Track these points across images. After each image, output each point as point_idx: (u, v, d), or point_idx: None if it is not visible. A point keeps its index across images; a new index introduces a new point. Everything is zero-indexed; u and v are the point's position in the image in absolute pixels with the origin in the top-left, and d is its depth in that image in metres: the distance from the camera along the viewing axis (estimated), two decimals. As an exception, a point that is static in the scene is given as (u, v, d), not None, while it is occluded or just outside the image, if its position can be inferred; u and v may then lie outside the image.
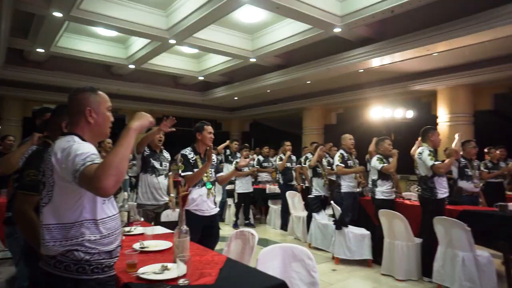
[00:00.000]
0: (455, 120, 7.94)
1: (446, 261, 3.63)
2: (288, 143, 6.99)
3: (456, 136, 4.87)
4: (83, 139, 1.47)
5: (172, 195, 4.16)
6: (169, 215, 3.75)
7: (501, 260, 3.95)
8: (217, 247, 3.24)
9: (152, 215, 3.69)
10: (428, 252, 3.90)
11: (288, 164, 6.85)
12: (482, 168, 5.90)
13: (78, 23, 6.40)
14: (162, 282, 1.66)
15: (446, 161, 4.11)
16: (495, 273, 3.48)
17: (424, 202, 4.02)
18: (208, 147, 3.12)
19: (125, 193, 2.93)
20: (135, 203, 4.23)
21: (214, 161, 3.33)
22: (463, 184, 5.15)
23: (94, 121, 1.53)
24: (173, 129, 3.28)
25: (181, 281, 1.64)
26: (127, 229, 2.69)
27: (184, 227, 2.01)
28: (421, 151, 4.06)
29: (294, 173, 6.94)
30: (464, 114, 7.94)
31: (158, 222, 3.50)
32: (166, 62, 9.26)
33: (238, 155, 7.12)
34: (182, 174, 3.08)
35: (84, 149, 1.36)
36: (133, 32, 6.69)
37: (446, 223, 3.65)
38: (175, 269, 1.72)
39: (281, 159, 6.86)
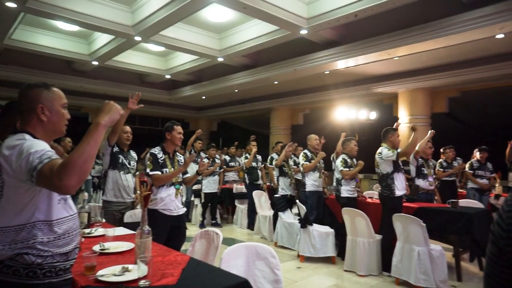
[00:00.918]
0: (414, 121, 8.32)
1: (403, 256, 3.81)
2: (254, 142, 7.04)
3: (429, 132, 5.16)
4: (35, 137, 1.40)
5: (139, 192, 4.09)
6: (132, 215, 3.66)
7: (451, 253, 4.21)
8: (183, 247, 3.23)
9: (118, 216, 3.59)
10: (387, 248, 4.08)
11: (254, 164, 6.90)
12: (437, 167, 6.24)
13: (36, 15, 6.09)
14: (122, 284, 1.63)
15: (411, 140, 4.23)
16: (446, 265, 3.71)
17: (383, 200, 4.20)
18: (188, 156, 3.20)
19: (85, 194, 2.83)
20: (98, 204, 4.11)
21: (181, 162, 3.34)
22: (419, 182, 5.43)
23: (47, 118, 1.45)
24: (141, 105, 3.29)
25: (141, 282, 1.62)
26: (87, 230, 2.61)
27: (146, 227, 1.98)
28: (380, 151, 4.24)
29: (260, 173, 7.00)
30: (422, 116, 8.35)
31: (121, 223, 3.42)
32: (131, 59, 9.03)
33: (203, 154, 7.09)
34: (150, 173, 3.06)
35: (38, 147, 1.30)
36: (96, 28, 6.47)
37: (404, 219, 3.83)
38: (136, 271, 1.69)
39: (247, 158, 6.90)
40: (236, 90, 10.13)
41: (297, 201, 5.05)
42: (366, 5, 5.15)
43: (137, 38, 6.81)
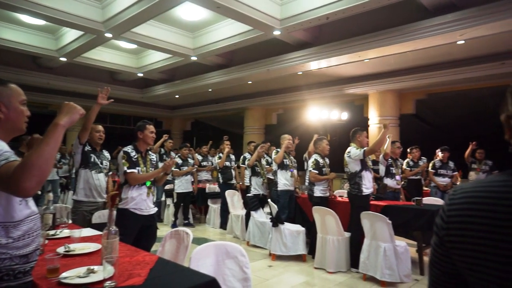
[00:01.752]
0: (384, 122, 8.58)
1: (370, 252, 3.94)
2: (227, 142, 7.05)
3: (387, 138, 5.34)
4: None
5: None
6: (101, 216, 3.58)
7: (415, 249, 4.39)
8: (153, 248, 3.20)
9: (89, 217, 3.50)
10: (355, 245, 4.21)
11: (228, 163, 6.90)
12: (404, 166, 6.49)
13: (-2, 8, 5.82)
14: (86, 285, 1.60)
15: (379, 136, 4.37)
16: (410, 260, 3.87)
17: (352, 198, 4.33)
18: (169, 160, 3.22)
19: (50, 194, 2.74)
20: (65, 205, 4.00)
21: (154, 161, 3.32)
22: (388, 181, 5.63)
23: (4, 116, 1.39)
24: (112, 100, 3.26)
25: (107, 284, 1.60)
26: (51, 232, 2.53)
27: (113, 228, 1.95)
28: (349, 150, 4.36)
29: (233, 172, 7.02)
30: (391, 117, 8.63)
31: (89, 224, 3.35)
32: (102, 56, 8.80)
33: (173, 154, 7.02)
34: (128, 171, 3.02)
35: None
36: (63, 23, 6.25)
37: (371, 217, 3.97)
38: (102, 272, 1.67)
39: (220, 158, 6.90)
40: (210, 90, 10.08)
41: (269, 200, 5.10)
42: (337, 8, 5.28)
43: (108, 35, 6.65)
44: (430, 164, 6.54)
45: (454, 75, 7.12)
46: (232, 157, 7.12)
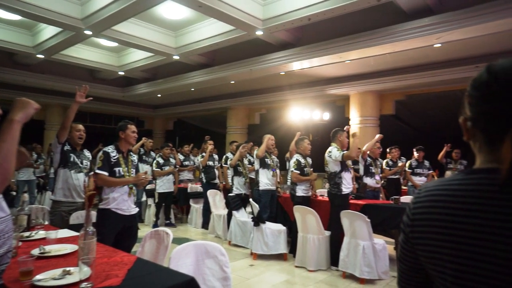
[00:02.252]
0: (364, 122, 8.76)
1: (350, 251, 4.02)
2: (211, 142, 7.03)
3: (377, 136, 5.45)
4: None
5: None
6: (79, 217, 3.52)
7: (393, 246, 4.50)
8: (134, 248, 3.17)
9: (67, 217, 3.44)
10: (335, 243, 4.28)
11: (211, 163, 6.89)
12: (384, 166, 6.62)
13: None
14: (61, 287, 1.58)
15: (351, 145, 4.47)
16: (388, 258, 3.97)
17: (331, 198, 4.40)
18: (140, 184, 3.14)
19: (25, 195, 2.68)
20: (41, 206, 3.91)
21: (135, 162, 3.30)
22: (367, 180, 5.74)
23: None
24: (90, 98, 3.21)
25: (83, 285, 1.58)
26: (26, 234, 2.47)
27: (91, 228, 1.93)
28: (330, 150, 4.43)
29: (217, 172, 7.00)
30: (371, 117, 8.80)
31: (67, 225, 3.29)
32: (82, 54, 8.61)
33: (153, 154, 6.95)
34: (97, 171, 2.99)
35: None
36: (40, 19, 6.08)
37: (351, 216, 4.04)
38: (78, 273, 1.65)
39: (203, 156, 6.88)
40: (193, 89, 10.02)
41: (251, 199, 5.12)
42: (318, 9, 5.34)
43: (87, 32, 6.52)
44: (407, 164, 6.70)
45: (432, 77, 7.31)
46: (216, 156, 7.11)
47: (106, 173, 3.00)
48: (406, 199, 5.22)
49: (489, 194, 0.65)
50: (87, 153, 3.75)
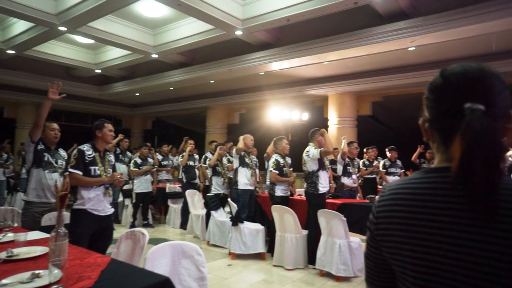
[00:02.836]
0: (342, 123, 8.91)
1: (327, 249, 4.08)
2: (191, 141, 6.99)
3: (342, 139, 5.54)
4: None
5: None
6: (52, 218, 3.42)
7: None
8: (109, 249, 3.11)
9: (40, 218, 3.33)
10: (313, 242, 4.33)
11: (191, 163, 6.84)
12: (361, 166, 6.76)
13: None
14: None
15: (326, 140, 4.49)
16: (364, 255, 4.05)
17: (309, 197, 4.45)
18: (116, 183, 3.09)
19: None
20: (11, 207, 3.79)
21: (112, 162, 3.25)
22: (345, 180, 5.86)
23: None
24: (64, 95, 3.12)
25: (53, 288, 1.54)
26: (-6, 236, 2.39)
27: (62, 229, 1.88)
28: (308, 150, 4.48)
29: (197, 172, 6.96)
30: (349, 118, 8.96)
31: (39, 226, 3.19)
32: (56, 50, 8.35)
33: (129, 154, 6.85)
34: (70, 169, 2.90)
35: None
36: (10, 12, 5.83)
37: (327, 215, 4.10)
38: (47, 276, 1.61)
39: (183, 156, 6.83)
40: (172, 88, 9.91)
41: (229, 199, 5.12)
42: (297, 10, 5.39)
43: (62, 28, 6.33)
44: (381, 164, 6.85)
45: (407, 79, 7.52)
46: (196, 156, 7.07)
47: (80, 172, 2.92)
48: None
49: (442, 191, 0.68)
50: (62, 152, 3.66)
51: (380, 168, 6.80)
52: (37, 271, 1.71)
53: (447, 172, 0.67)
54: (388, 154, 6.88)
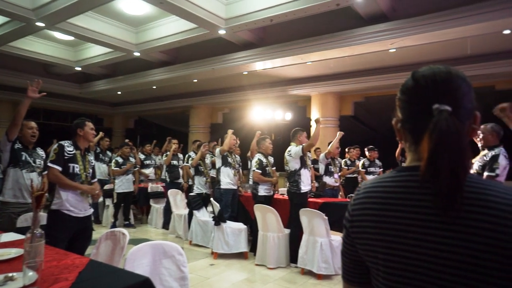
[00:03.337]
0: (325, 123, 8.97)
1: (308, 247, 4.12)
2: (175, 140, 6.94)
3: (338, 133, 5.59)
4: None
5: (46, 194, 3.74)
6: (28, 219, 3.33)
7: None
8: (88, 250, 3.05)
9: (17, 219, 3.24)
10: (294, 241, 4.37)
11: (175, 162, 6.79)
12: (343, 165, 6.85)
13: None
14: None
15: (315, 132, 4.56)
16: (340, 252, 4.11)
17: (291, 196, 4.49)
18: (94, 196, 3.02)
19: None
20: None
21: (92, 162, 3.19)
22: (327, 179, 5.92)
23: None
24: (44, 93, 3.02)
25: (28, 290, 1.50)
26: (-34, 238, 2.31)
27: (39, 231, 1.84)
28: (289, 149, 4.52)
29: (181, 171, 6.91)
30: (332, 118, 9.06)
31: (14, 228, 3.10)
32: (34, 47, 8.12)
33: (109, 153, 6.75)
34: (50, 164, 2.81)
35: None
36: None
37: (309, 214, 4.15)
38: (21, 278, 1.57)
39: (167, 155, 6.77)
40: (154, 87, 9.80)
41: (211, 199, 5.11)
42: (280, 11, 5.42)
43: (40, 24, 6.17)
44: (360, 164, 6.94)
45: (388, 80, 7.66)
46: (180, 156, 7.02)
47: (59, 168, 2.83)
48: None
49: (412, 189, 0.71)
50: (40, 151, 3.58)
51: (360, 168, 6.90)
52: (10, 274, 1.67)
53: (417, 171, 0.69)
54: (367, 153, 7.00)
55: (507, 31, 5.22)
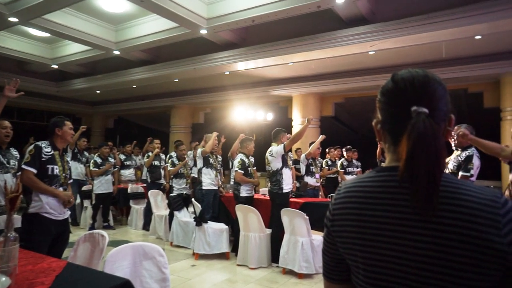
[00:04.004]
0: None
1: (289, 247, 4.16)
2: (157, 141, 6.85)
3: (320, 137, 5.65)
4: None
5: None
6: (1, 222, 3.23)
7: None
8: (65, 254, 2.98)
9: None
10: (276, 241, 4.40)
11: (157, 162, 6.71)
12: (324, 165, 6.94)
13: None
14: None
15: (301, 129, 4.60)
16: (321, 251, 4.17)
17: (272, 196, 4.51)
18: (66, 203, 2.87)
19: None
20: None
21: (69, 163, 3.10)
22: (308, 179, 5.98)
23: None
24: (22, 93, 2.89)
25: (1, 295, 1.46)
26: None
27: (12, 234, 1.79)
28: (271, 149, 4.54)
29: (162, 172, 6.82)
30: (314, 118, 9.15)
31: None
32: (7, 43, 7.85)
33: (86, 153, 6.61)
34: (24, 166, 2.68)
35: None
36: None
37: (290, 213, 4.18)
38: (-5, 283, 1.52)
39: (148, 156, 6.67)
40: (134, 86, 9.65)
41: (193, 199, 5.07)
42: (262, 12, 5.45)
43: (13, 19, 5.96)
44: (339, 164, 7.04)
45: (367, 82, 7.81)
46: (162, 156, 6.93)
47: (34, 170, 2.71)
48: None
49: (391, 189, 0.73)
50: (14, 151, 3.47)
51: (338, 168, 7.00)
52: (-17, 279, 1.61)
53: (396, 171, 0.71)
54: (344, 154, 7.11)
55: (478, 37, 5.43)
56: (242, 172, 4.82)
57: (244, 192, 4.85)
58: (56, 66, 8.99)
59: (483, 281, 0.64)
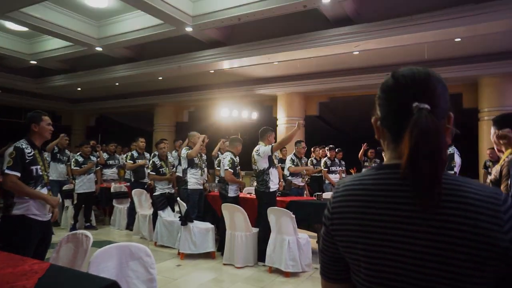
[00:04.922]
0: (291, 122, 9.13)
1: (276, 246, 4.16)
2: (142, 139, 6.73)
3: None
4: None
5: None
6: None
7: (316, 240, 4.78)
8: (47, 255, 2.89)
9: None
10: (263, 240, 4.39)
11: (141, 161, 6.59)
12: (309, 164, 6.98)
13: None
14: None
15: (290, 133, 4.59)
16: (311, 251, 4.20)
17: (259, 195, 4.51)
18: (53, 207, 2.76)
19: None
20: None
21: (48, 161, 2.98)
22: (293, 178, 6.00)
23: None
24: None
25: (-19, 300, 1.40)
26: None
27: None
28: (258, 148, 4.54)
29: (146, 170, 6.70)
30: (297, 117, 9.19)
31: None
32: (-18, 37, 7.59)
33: (67, 152, 6.45)
34: (7, 171, 2.52)
35: None
36: None
37: (277, 212, 4.18)
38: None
39: (132, 156, 6.53)
40: (117, 84, 9.46)
41: (178, 198, 5.01)
42: (248, 10, 5.44)
43: (-11, 13, 5.76)
44: (322, 163, 7.09)
45: (352, 82, 7.92)
46: (147, 155, 6.81)
47: (18, 174, 2.56)
48: (328, 195, 5.57)
49: (392, 187, 0.73)
50: None
51: (322, 167, 7.05)
52: (-38, 283, 1.55)
53: (397, 168, 0.71)
54: (327, 153, 7.17)
55: (458, 39, 5.58)
56: (232, 171, 4.79)
57: (232, 192, 4.80)
58: (35, 62, 8.73)
59: (485, 278, 0.65)
